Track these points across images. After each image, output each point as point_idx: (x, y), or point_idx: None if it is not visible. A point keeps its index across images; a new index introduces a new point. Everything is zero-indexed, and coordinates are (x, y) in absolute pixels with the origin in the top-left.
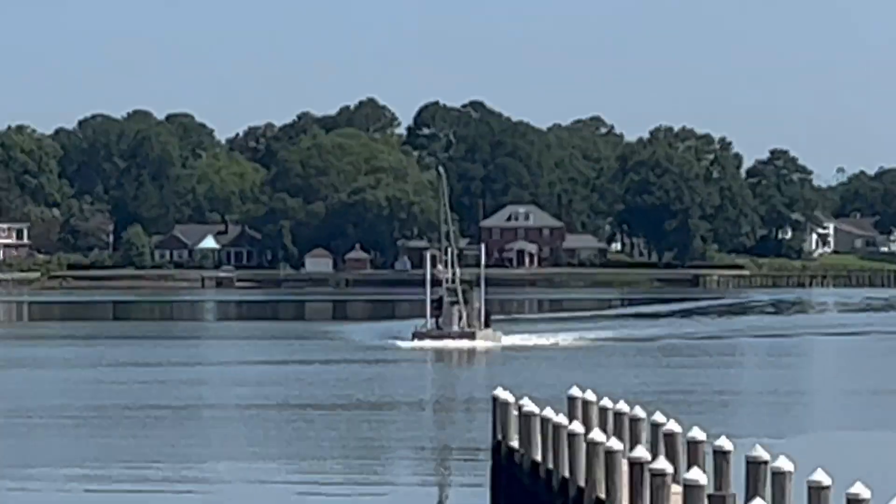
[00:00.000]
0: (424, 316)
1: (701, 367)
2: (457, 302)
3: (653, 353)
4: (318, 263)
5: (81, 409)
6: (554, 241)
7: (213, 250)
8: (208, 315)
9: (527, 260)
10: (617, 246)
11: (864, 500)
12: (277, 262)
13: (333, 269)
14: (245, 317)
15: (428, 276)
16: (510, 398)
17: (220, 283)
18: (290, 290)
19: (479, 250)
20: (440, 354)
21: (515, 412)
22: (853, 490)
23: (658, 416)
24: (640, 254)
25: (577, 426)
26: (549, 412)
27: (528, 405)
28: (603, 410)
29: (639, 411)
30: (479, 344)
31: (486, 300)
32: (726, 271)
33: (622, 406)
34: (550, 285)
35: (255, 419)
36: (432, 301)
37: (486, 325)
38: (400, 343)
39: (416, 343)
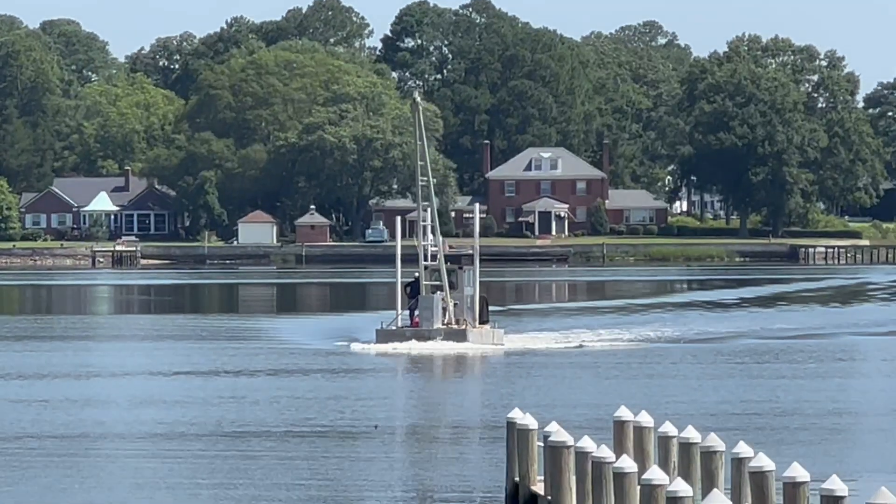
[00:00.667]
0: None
1: (803, 377)
2: (440, 288)
3: (733, 359)
4: (256, 232)
5: None
6: (592, 200)
7: (108, 213)
8: (103, 306)
9: (553, 226)
10: (682, 206)
11: None
12: (199, 231)
13: (279, 240)
14: (154, 309)
15: (398, 250)
16: (532, 423)
17: (118, 259)
18: (218, 270)
19: (477, 211)
20: (416, 363)
21: (540, 443)
22: None
23: (742, 448)
24: (715, 217)
25: (627, 462)
26: (587, 443)
27: (559, 433)
28: (664, 440)
29: (714, 441)
30: (473, 347)
31: (482, 285)
32: (837, 241)
33: (691, 433)
34: (587, 261)
35: (172, 453)
36: (405, 286)
37: (483, 320)
38: (358, 347)
39: (382, 346)
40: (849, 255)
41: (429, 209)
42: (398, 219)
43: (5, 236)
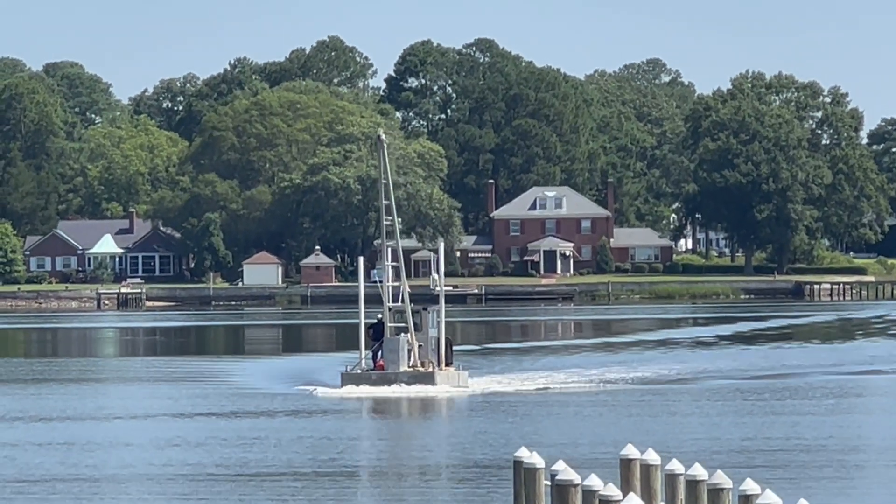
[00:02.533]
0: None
1: (812, 413)
2: (406, 329)
3: (737, 396)
4: (261, 273)
5: None
6: (597, 238)
7: (112, 256)
8: (107, 349)
9: (559, 264)
10: (687, 243)
11: None
12: (204, 273)
13: (284, 281)
14: (161, 350)
15: (361, 291)
16: (539, 462)
17: (123, 301)
18: (223, 312)
19: (441, 250)
20: (381, 406)
21: (547, 482)
22: None
23: (749, 485)
24: (720, 254)
25: (634, 501)
26: (594, 481)
27: (566, 472)
28: (671, 477)
29: (721, 478)
30: (440, 390)
31: (445, 325)
32: (842, 277)
33: (698, 470)
34: (592, 300)
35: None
36: (368, 328)
37: (447, 362)
38: (321, 390)
39: (345, 390)
40: (854, 291)
41: (391, 249)
42: (360, 259)
43: (10, 279)
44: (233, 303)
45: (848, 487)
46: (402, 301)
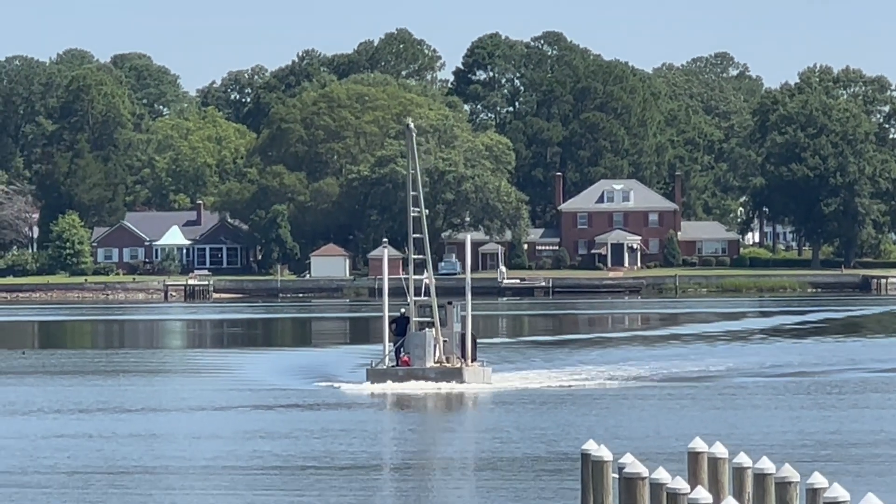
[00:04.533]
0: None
1: (880, 408)
2: (431, 324)
3: (806, 390)
4: (328, 266)
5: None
6: (664, 231)
7: (180, 248)
8: (175, 340)
9: (626, 258)
10: (754, 237)
11: None
12: (271, 265)
13: (351, 273)
14: (228, 342)
15: (385, 284)
16: (607, 455)
17: (191, 293)
18: (290, 304)
19: (468, 244)
20: (414, 402)
21: (614, 475)
22: None
23: (817, 479)
24: (787, 248)
25: (702, 493)
26: (662, 474)
27: (633, 464)
28: (738, 471)
29: (789, 471)
30: (469, 386)
31: (472, 319)
32: None
33: (765, 464)
34: (659, 293)
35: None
36: (391, 322)
37: (473, 357)
38: (345, 387)
39: (371, 386)
40: None
41: (423, 242)
42: (385, 251)
43: (77, 271)
44: (300, 295)
45: None
46: (428, 295)
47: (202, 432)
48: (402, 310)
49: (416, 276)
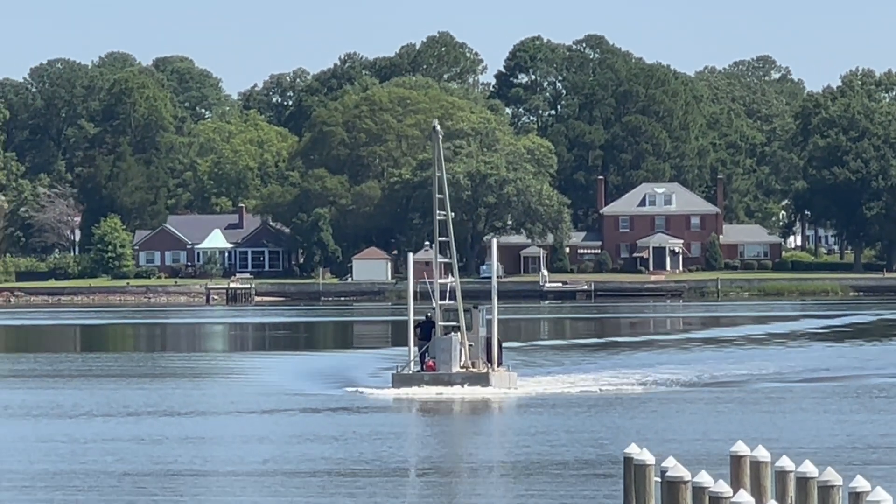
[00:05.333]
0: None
1: None
2: (457, 328)
3: (847, 394)
4: (370, 269)
5: (41, 478)
6: (706, 235)
7: (222, 251)
8: (216, 343)
9: (668, 261)
10: (796, 240)
11: None
12: (313, 268)
13: (393, 276)
14: (269, 345)
15: (410, 288)
16: (649, 458)
17: (233, 296)
18: (332, 307)
19: (490, 245)
20: (434, 408)
21: (657, 478)
22: None
23: (859, 482)
24: (829, 251)
25: (744, 497)
26: (704, 477)
27: (676, 468)
28: (781, 474)
29: (831, 475)
30: (495, 391)
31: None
32: None
33: (808, 467)
34: (701, 297)
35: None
36: (416, 325)
37: (499, 361)
38: (369, 392)
39: (396, 391)
40: None
41: (450, 246)
42: (410, 255)
43: (119, 274)
44: (342, 298)
45: None
46: (455, 298)
47: (251, 435)
48: (428, 313)
49: (442, 280)
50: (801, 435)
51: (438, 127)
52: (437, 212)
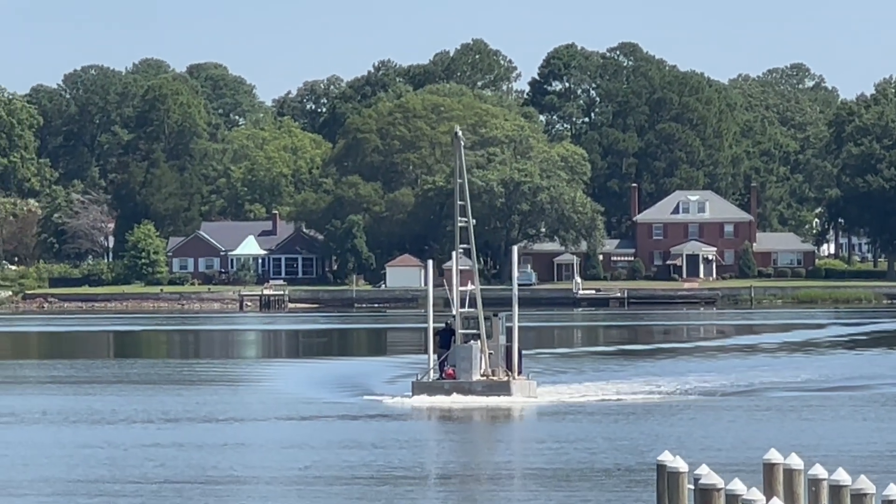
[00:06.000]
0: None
1: None
2: (477, 336)
3: (889, 402)
4: (403, 276)
5: (76, 485)
6: (740, 242)
7: (255, 258)
8: (249, 350)
9: (701, 269)
10: (829, 248)
11: None
12: (347, 275)
13: (426, 283)
14: (302, 352)
15: (430, 295)
16: (683, 466)
17: (266, 303)
18: (366, 314)
19: (511, 254)
20: (457, 417)
21: (690, 486)
22: None
23: (892, 490)
24: (863, 259)
25: None
26: (737, 485)
27: (709, 476)
28: (814, 482)
29: (865, 483)
30: (516, 400)
31: (516, 331)
32: None
33: (841, 476)
34: (735, 304)
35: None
36: (435, 333)
37: (518, 370)
38: (387, 400)
39: (418, 400)
40: None
41: (471, 252)
42: (429, 262)
43: (153, 280)
44: (375, 305)
45: None
46: (475, 306)
47: (291, 442)
48: (448, 321)
49: (462, 287)
50: (845, 442)
51: (460, 133)
52: (459, 218)
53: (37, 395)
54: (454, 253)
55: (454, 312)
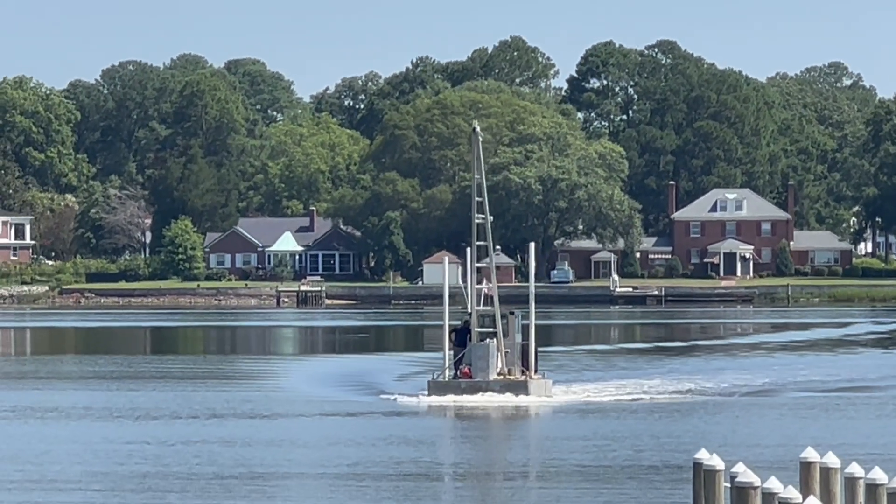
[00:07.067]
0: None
1: None
2: (494, 334)
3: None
4: (441, 273)
5: (113, 479)
6: (777, 241)
7: (292, 254)
8: (287, 346)
9: (738, 267)
10: (867, 247)
11: None
12: (384, 271)
13: (464, 280)
14: (339, 348)
15: (446, 292)
16: (719, 464)
17: (303, 299)
18: (402, 311)
19: (532, 251)
20: (466, 415)
21: (726, 484)
22: None
23: None
24: None
25: (814, 503)
26: (774, 483)
27: (745, 474)
28: (851, 481)
29: None
30: (533, 399)
31: (534, 329)
32: None
33: (878, 474)
34: (772, 303)
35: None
36: (451, 331)
37: (534, 369)
38: (403, 399)
39: (434, 399)
40: None
41: (489, 250)
42: (445, 259)
43: (190, 276)
44: (412, 302)
45: None
46: (493, 304)
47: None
48: (465, 319)
49: (478, 285)
50: (875, 441)
51: (479, 128)
52: (476, 215)
53: (80, 390)
54: (468, 250)
55: (470, 310)
